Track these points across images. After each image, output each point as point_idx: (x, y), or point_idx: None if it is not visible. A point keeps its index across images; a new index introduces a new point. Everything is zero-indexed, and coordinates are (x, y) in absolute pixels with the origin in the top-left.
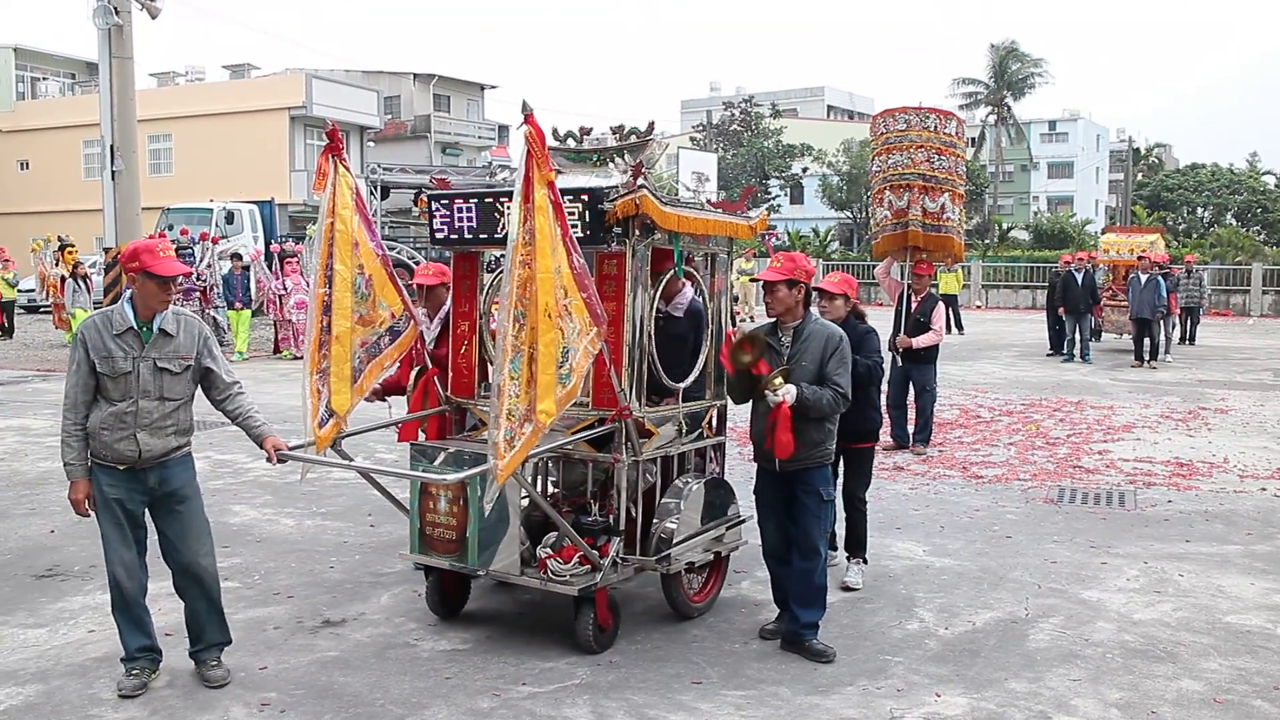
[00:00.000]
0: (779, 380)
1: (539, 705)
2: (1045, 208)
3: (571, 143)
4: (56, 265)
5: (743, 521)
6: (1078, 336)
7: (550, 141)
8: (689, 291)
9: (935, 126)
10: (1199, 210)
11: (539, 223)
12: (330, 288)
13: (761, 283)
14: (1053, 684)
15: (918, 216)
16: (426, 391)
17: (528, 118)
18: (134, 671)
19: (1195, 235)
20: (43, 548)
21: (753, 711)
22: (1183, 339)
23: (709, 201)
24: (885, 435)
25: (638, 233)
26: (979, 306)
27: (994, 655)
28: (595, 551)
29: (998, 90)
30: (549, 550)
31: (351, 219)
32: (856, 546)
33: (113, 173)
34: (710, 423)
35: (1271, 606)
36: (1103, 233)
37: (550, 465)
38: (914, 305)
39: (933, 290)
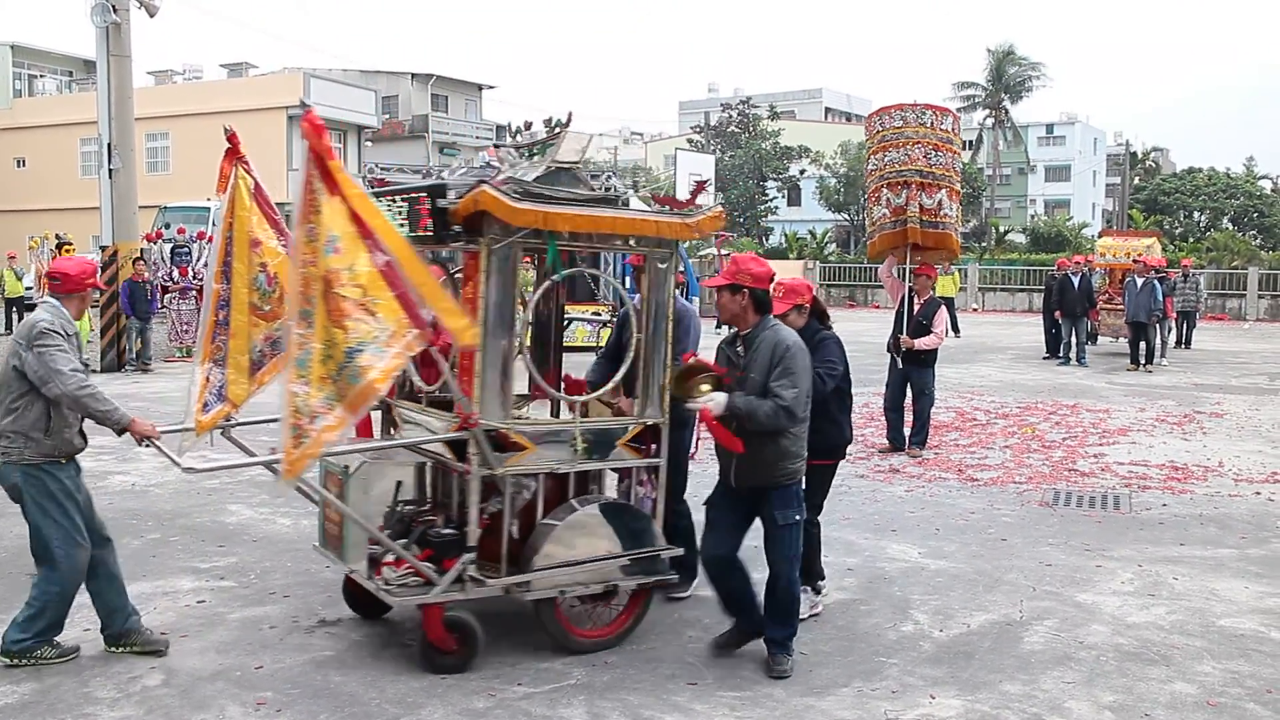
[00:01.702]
0: (706, 386)
1: (534, 705)
2: (1042, 211)
3: (507, 137)
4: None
5: (669, 554)
6: (1074, 340)
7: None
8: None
9: (931, 122)
10: (1195, 214)
11: (329, 220)
12: (228, 283)
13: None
14: (1047, 686)
15: (915, 214)
16: None
17: (306, 114)
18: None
19: (1191, 239)
20: None
21: (747, 713)
22: (1179, 343)
23: (656, 198)
24: (881, 438)
25: (494, 231)
26: (975, 309)
27: (988, 657)
28: (436, 564)
29: (995, 93)
30: (391, 556)
31: (249, 219)
32: (804, 574)
33: (110, 171)
34: (643, 442)
35: (1265, 610)
36: (1099, 236)
37: (427, 472)
38: (916, 307)
39: (934, 293)
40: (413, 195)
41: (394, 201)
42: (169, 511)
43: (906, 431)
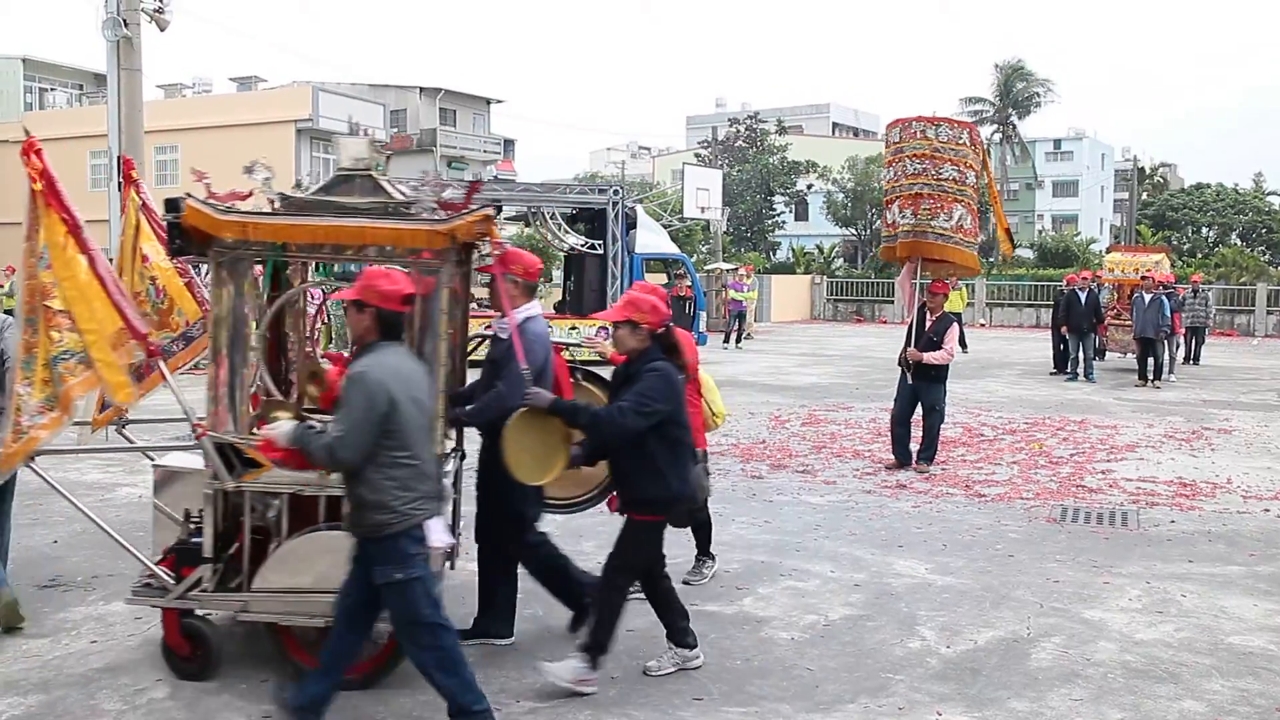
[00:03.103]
0: (281, 414)
1: None
2: (1050, 226)
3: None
4: None
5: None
6: (1081, 355)
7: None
8: (524, 311)
9: (959, 139)
10: (1204, 230)
11: (45, 236)
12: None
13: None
14: (1054, 703)
15: (948, 229)
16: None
17: (27, 139)
18: None
19: (1200, 255)
20: (45, 558)
21: None
22: (1187, 359)
23: (441, 204)
24: (887, 453)
25: (223, 245)
26: (983, 325)
27: (995, 674)
28: (175, 571)
29: (1003, 108)
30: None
31: (136, 236)
32: (592, 646)
33: (119, 184)
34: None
35: (1274, 628)
36: (1107, 252)
37: None
38: (928, 324)
39: (947, 311)
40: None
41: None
42: None
43: (914, 448)
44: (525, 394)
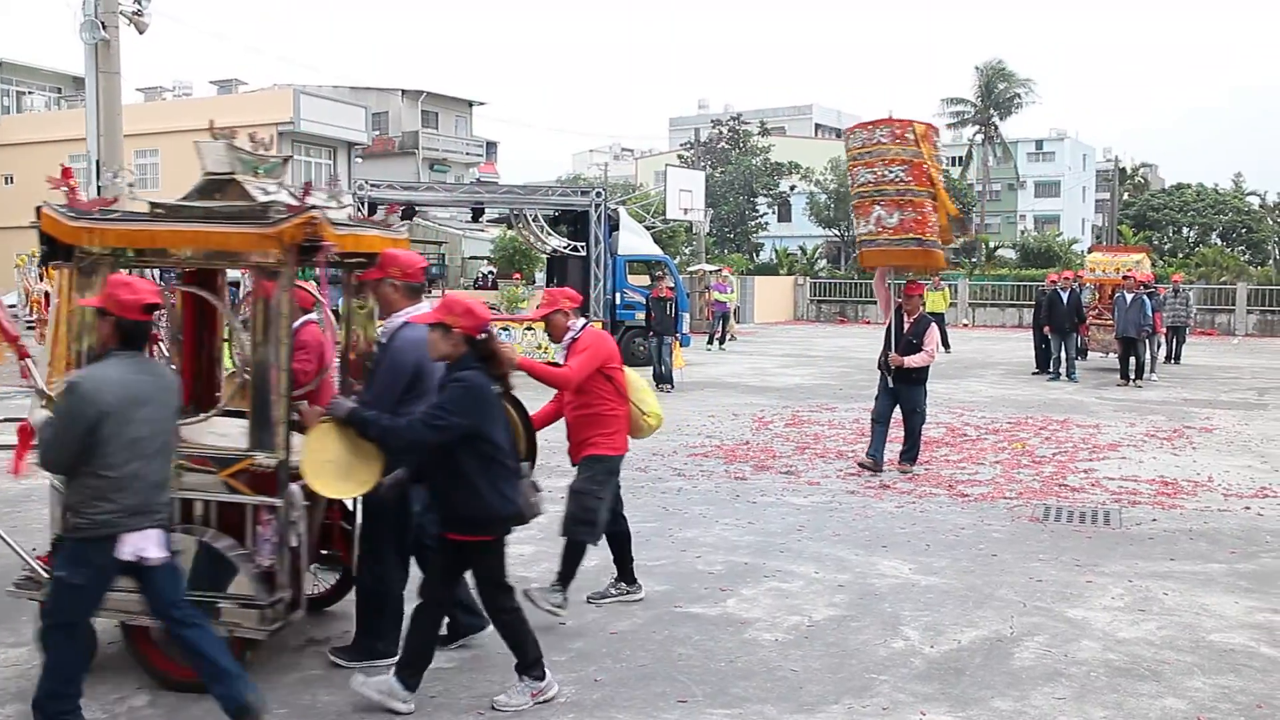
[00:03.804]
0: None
1: None
2: (1032, 226)
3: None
4: (41, 280)
5: (258, 603)
6: (1064, 355)
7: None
8: (402, 315)
9: (913, 137)
10: (1184, 230)
11: None
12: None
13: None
14: (1038, 702)
15: (931, 233)
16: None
17: None
18: None
19: (1181, 255)
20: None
21: None
22: (1169, 358)
23: (369, 218)
24: (862, 454)
25: (81, 250)
26: (966, 325)
27: (979, 674)
28: (39, 560)
29: (985, 109)
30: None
31: None
32: (404, 664)
33: (99, 188)
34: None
35: (1255, 625)
36: (1089, 252)
37: None
38: (906, 326)
39: (925, 311)
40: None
41: None
42: None
43: (895, 450)
44: (330, 402)
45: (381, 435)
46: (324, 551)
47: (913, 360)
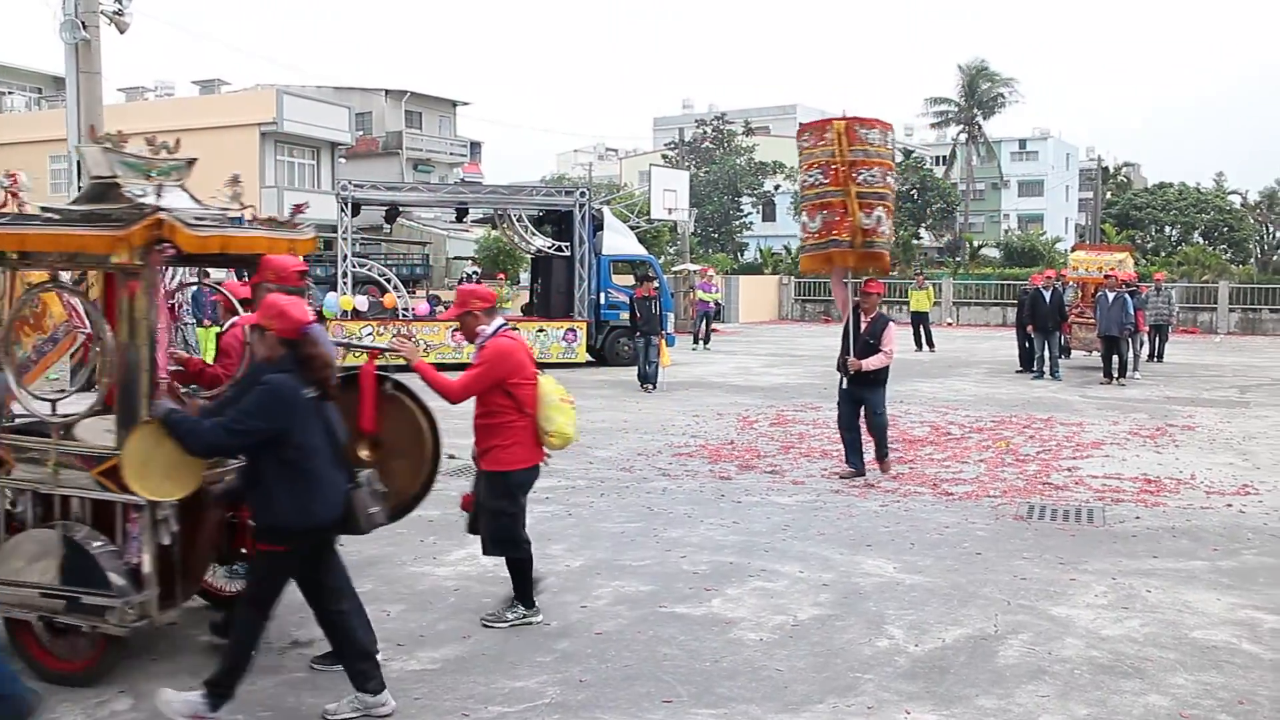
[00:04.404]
0: None
1: None
2: (1016, 225)
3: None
4: None
5: (120, 600)
6: (1047, 354)
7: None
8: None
9: (869, 138)
10: (1167, 229)
11: None
12: None
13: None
14: (1022, 700)
15: (883, 235)
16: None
17: None
18: None
19: (1163, 253)
20: None
21: None
22: (1151, 356)
23: (256, 219)
24: (842, 464)
25: None
26: (950, 324)
27: (963, 672)
28: None
29: (968, 109)
30: None
31: None
32: (215, 684)
33: (80, 188)
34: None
35: (1237, 621)
36: (1072, 250)
37: None
38: (863, 326)
39: (882, 311)
40: None
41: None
42: None
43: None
44: (153, 403)
45: (182, 437)
46: (244, 551)
47: (871, 363)
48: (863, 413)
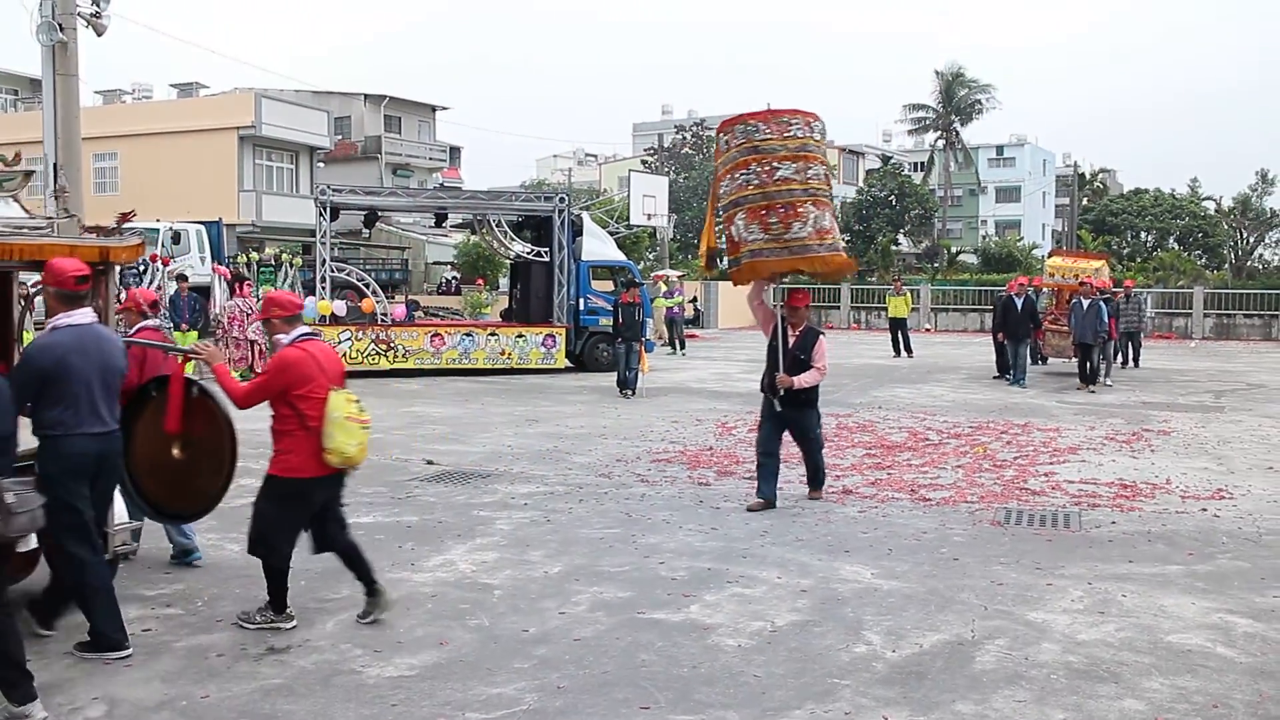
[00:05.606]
0: None
1: None
2: (993, 231)
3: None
4: None
5: None
6: (1015, 361)
7: None
8: (54, 320)
9: (802, 133)
10: (1142, 234)
11: None
12: None
13: None
14: (998, 705)
15: (832, 238)
16: None
17: None
18: None
19: (1139, 259)
20: None
21: None
22: (1125, 363)
23: (100, 229)
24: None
25: None
26: (928, 329)
27: (941, 677)
28: None
29: (945, 115)
30: None
31: None
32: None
33: (55, 191)
34: None
35: (1211, 625)
36: (1048, 256)
37: None
38: (792, 340)
39: (811, 323)
40: None
41: None
42: None
43: (797, 483)
44: None
45: None
46: None
47: (803, 379)
48: (791, 437)
